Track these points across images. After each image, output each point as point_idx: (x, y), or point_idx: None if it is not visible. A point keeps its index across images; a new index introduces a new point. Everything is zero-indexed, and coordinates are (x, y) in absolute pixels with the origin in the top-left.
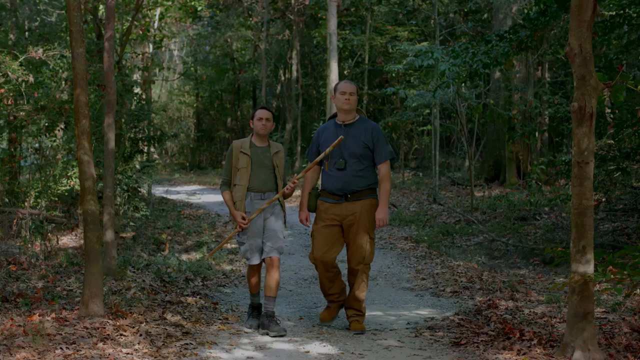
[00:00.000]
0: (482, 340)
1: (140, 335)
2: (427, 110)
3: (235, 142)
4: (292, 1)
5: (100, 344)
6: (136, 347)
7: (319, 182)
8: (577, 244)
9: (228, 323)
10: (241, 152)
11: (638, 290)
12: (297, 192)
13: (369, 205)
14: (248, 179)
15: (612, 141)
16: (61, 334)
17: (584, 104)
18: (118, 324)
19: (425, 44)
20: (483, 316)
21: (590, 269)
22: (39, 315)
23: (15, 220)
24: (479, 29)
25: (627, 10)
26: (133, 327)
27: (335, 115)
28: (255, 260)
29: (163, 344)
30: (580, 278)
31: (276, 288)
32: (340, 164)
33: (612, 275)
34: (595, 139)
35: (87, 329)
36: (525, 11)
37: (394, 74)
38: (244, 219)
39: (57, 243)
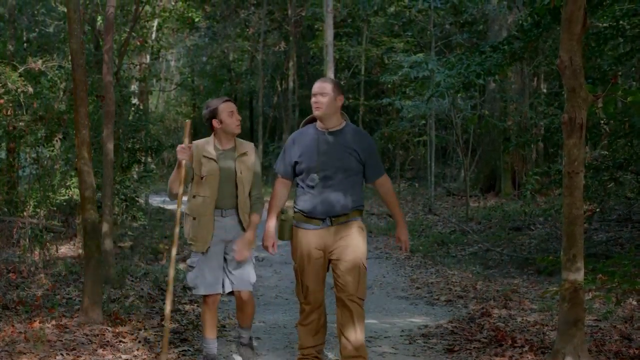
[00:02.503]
0: (474, 347)
1: (139, 341)
2: (423, 121)
3: (196, 142)
4: (289, 12)
5: (100, 350)
6: (135, 353)
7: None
8: (567, 252)
9: (225, 330)
10: (204, 156)
11: (631, 299)
12: None
13: (356, 228)
14: (217, 192)
15: (605, 152)
16: (61, 341)
17: (574, 116)
18: (117, 330)
19: (421, 55)
20: (476, 324)
21: (580, 276)
22: (40, 322)
23: (15, 229)
24: (475, 40)
25: (620, 22)
26: (132, 334)
27: (312, 120)
28: (207, 289)
29: (161, 351)
30: (571, 285)
31: (251, 318)
32: (328, 180)
33: (601, 283)
34: (589, 150)
35: (86, 335)
36: (520, 22)
37: (389, 85)
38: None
39: (57, 252)
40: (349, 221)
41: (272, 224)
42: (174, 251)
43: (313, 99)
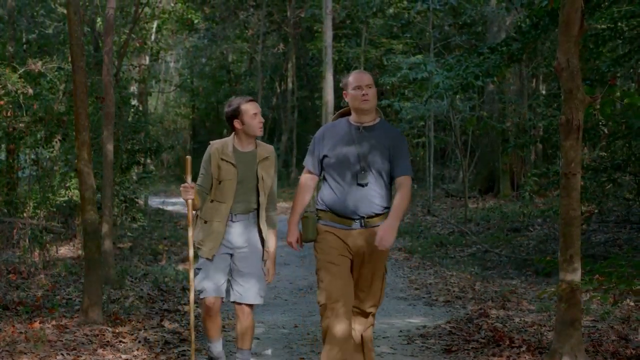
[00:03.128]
0: (472, 347)
1: (139, 342)
2: (422, 123)
3: (215, 143)
4: (288, 14)
5: (100, 350)
6: (135, 353)
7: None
8: (564, 253)
9: (224, 330)
10: (222, 159)
11: (628, 299)
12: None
13: None
14: (234, 196)
15: (604, 153)
16: (62, 341)
17: (571, 117)
18: (117, 331)
19: (419, 56)
20: (474, 324)
21: (577, 277)
22: (40, 323)
23: (15, 230)
24: (473, 42)
25: (619, 24)
26: (132, 334)
27: (344, 114)
28: (214, 292)
29: (161, 351)
30: (568, 286)
31: (250, 338)
32: (363, 178)
33: (598, 284)
34: (588, 151)
35: (87, 335)
36: (519, 24)
37: (388, 86)
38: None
39: (57, 253)
40: (379, 224)
41: (296, 219)
42: (191, 252)
43: (359, 92)
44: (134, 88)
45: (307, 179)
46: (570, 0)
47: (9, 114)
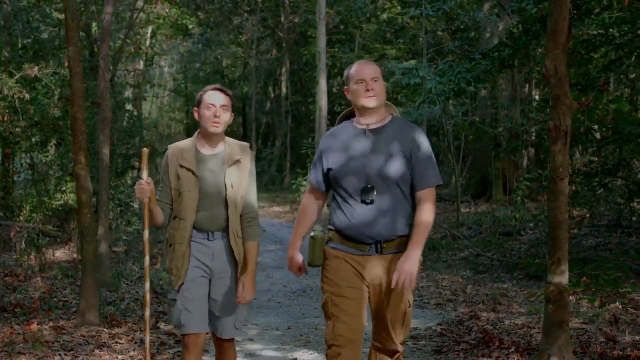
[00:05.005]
0: (462, 349)
1: (135, 343)
2: None
3: (173, 147)
4: (283, 19)
5: (97, 351)
6: (131, 354)
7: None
8: (553, 256)
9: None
10: (182, 165)
11: (617, 302)
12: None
13: None
14: (196, 211)
15: (595, 158)
16: (59, 342)
17: (559, 123)
18: (114, 332)
19: (413, 62)
20: (465, 327)
21: (565, 279)
22: (38, 324)
23: (13, 234)
24: (466, 47)
25: (610, 30)
26: (128, 336)
27: (349, 116)
28: (195, 328)
29: (157, 352)
30: (556, 288)
31: None
32: (367, 193)
33: (585, 286)
34: (580, 156)
35: (84, 337)
36: (511, 30)
37: None
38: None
39: (53, 256)
40: (403, 250)
41: (297, 244)
42: (146, 261)
43: (364, 86)
44: (129, 93)
45: (310, 199)
46: (559, 8)
47: (5, 119)
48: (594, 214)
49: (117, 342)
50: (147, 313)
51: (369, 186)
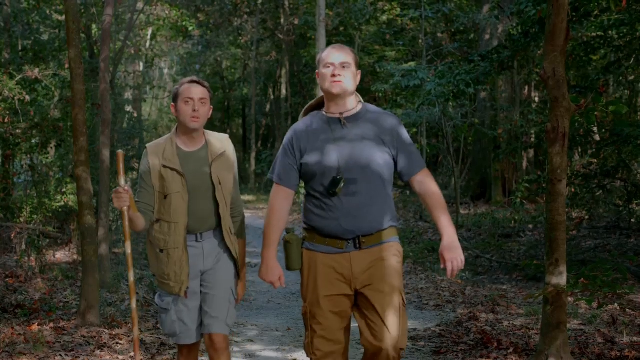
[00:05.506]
0: (461, 349)
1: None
2: (414, 130)
3: (152, 146)
4: (282, 21)
5: (98, 352)
6: (131, 354)
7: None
8: (550, 257)
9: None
10: (165, 166)
11: (616, 303)
12: None
13: (393, 253)
14: (186, 212)
15: (594, 160)
16: (60, 342)
17: (556, 125)
18: (114, 333)
19: (412, 63)
20: (464, 327)
21: (562, 280)
22: (38, 325)
23: (13, 235)
24: (466, 49)
25: (609, 32)
26: (128, 336)
27: (318, 105)
28: (190, 338)
29: (157, 352)
30: (554, 289)
31: None
32: (333, 184)
33: (582, 287)
34: (579, 158)
35: (84, 337)
36: (510, 31)
37: (381, 94)
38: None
39: (53, 257)
40: (383, 242)
41: (272, 252)
42: (131, 276)
43: (330, 71)
44: (128, 94)
45: (278, 197)
46: (556, 10)
47: (6, 120)
48: (593, 216)
49: (117, 343)
50: (136, 332)
51: (338, 177)
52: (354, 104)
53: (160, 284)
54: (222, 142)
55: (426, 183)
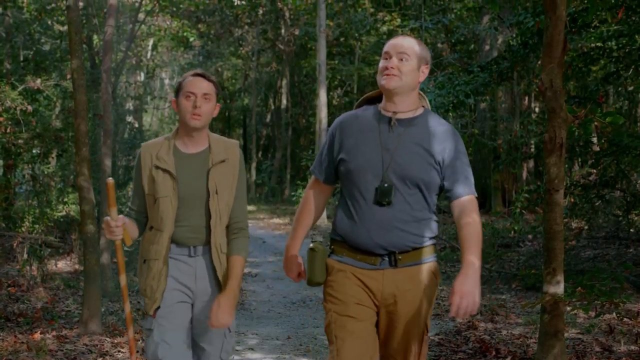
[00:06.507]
0: (459, 358)
1: (137, 351)
2: None
3: (146, 145)
4: (283, 32)
5: (100, 359)
6: None
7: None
8: (548, 266)
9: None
10: (157, 166)
11: (614, 313)
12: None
13: (430, 276)
14: (173, 221)
15: (593, 170)
16: (62, 350)
17: (554, 135)
18: (115, 341)
19: None
20: (462, 336)
21: (560, 289)
22: (41, 333)
23: (16, 244)
24: (466, 60)
25: (607, 43)
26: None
27: (372, 100)
28: None
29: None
30: (551, 298)
31: None
32: (384, 194)
33: (579, 296)
34: (578, 168)
35: (86, 345)
36: (510, 42)
37: None
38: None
39: (55, 266)
40: (422, 262)
41: (295, 244)
42: (127, 307)
43: (383, 64)
44: (129, 105)
45: (312, 193)
46: (554, 22)
47: (8, 130)
48: (592, 226)
49: (119, 351)
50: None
51: (386, 185)
52: (413, 105)
53: (144, 301)
54: (228, 148)
55: (467, 211)
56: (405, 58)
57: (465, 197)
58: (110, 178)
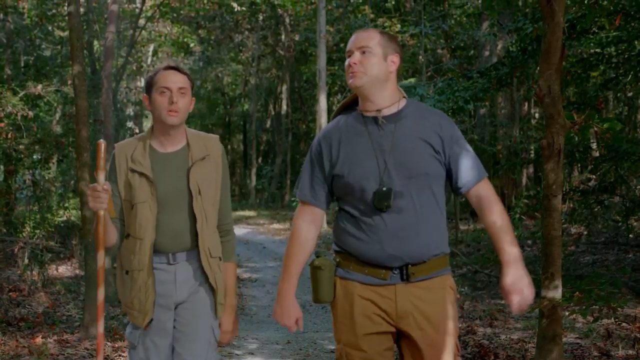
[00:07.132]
0: None
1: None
2: None
3: (121, 146)
4: (283, 37)
5: None
6: None
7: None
8: (546, 271)
9: (220, 346)
10: (132, 169)
11: (612, 317)
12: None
13: (449, 291)
14: (154, 227)
15: (593, 175)
16: (64, 354)
17: (552, 141)
18: (116, 345)
19: (412, 80)
20: (461, 341)
21: (558, 294)
22: (42, 338)
23: (17, 249)
24: (465, 65)
25: (606, 49)
26: None
27: (349, 106)
28: None
29: None
30: (549, 302)
31: None
32: (382, 198)
33: (577, 300)
34: (578, 173)
35: (87, 349)
36: (509, 48)
37: None
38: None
39: (56, 271)
40: (436, 275)
41: (290, 287)
42: (100, 294)
43: (347, 62)
44: (130, 110)
45: (304, 222)
46: (551, 29)
47: (9, 136)
48: (591, 231)
49: (119, 355)
50: (100, 328)
51: (384, 189)
52: (393, 98)
53: (127, 313)
54: (207, 143)
55: (487, 200)
56: (368, 51)
57: (477, 183)
58: (102, 140)
